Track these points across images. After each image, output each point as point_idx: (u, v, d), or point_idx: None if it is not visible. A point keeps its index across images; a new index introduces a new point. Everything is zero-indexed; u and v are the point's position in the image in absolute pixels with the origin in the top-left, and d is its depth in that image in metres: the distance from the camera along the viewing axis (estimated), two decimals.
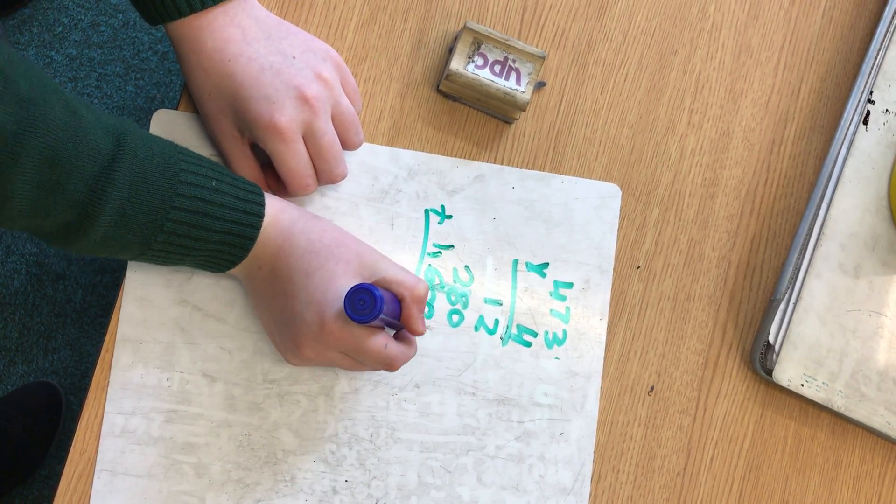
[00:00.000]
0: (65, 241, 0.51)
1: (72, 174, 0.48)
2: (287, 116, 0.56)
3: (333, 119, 0.60)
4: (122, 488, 0.59)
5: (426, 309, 0.63)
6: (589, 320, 0.66)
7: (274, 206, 0.56)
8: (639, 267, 0.68)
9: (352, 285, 0.54)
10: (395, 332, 0.60)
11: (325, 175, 0.60)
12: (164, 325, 0.60)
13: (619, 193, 0.68)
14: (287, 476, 0.60)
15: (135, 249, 0.53)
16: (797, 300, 0.67)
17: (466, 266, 0.65)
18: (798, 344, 0.67)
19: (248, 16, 0.58)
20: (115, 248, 0.52)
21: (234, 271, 0.58)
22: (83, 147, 0.48)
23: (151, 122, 0.62)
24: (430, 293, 0.63)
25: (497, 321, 0.65)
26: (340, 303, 0.54)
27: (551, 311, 0.66)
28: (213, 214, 0.53)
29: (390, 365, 0.57)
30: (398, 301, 0.57)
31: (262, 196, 0.56)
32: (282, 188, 0.61)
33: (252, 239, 0.55)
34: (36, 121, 0.46)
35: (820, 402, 0.67)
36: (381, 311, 0.51)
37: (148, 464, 0.59)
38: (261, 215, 0.55)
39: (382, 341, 0.56)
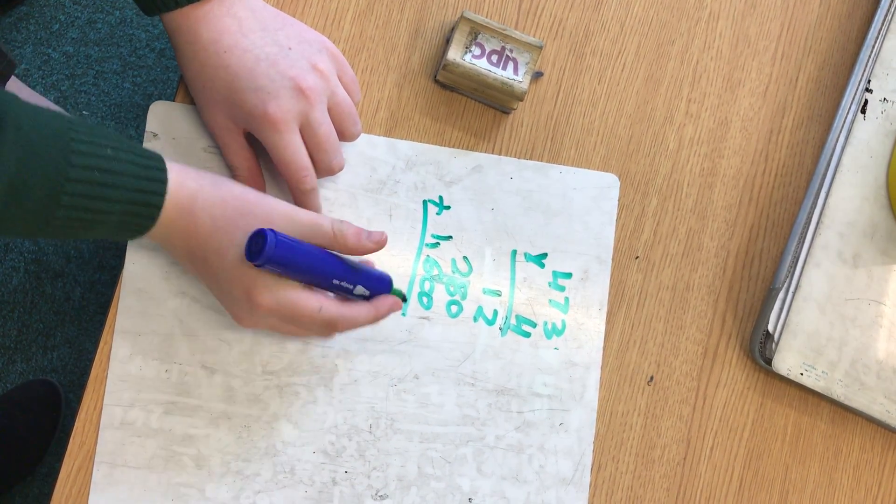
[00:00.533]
0: None
1: None
2: (282, 107, 0.56)
3: (330, 110, 0.59)
4: (122, 480, 0.58)
5: (364, 232, 0.59)
6: (588, 310, 0.66)
7: (173, 176, 0.53)
8: (637, 257, 0.68)
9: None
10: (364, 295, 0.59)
11: (323, 166, 0.60)
12: (162, 316, 0.60)
13: (618, 183, 0.68)
14: (287, 467, 0.60)
15: (33, 225, 0.50)
16: (796, 289, 0.67)
17: (465, 257, 0.65)
18: (797, 333, 0.67)
19: (244, 6, 0.58)
20: (10, 226, 0.49)
21: (153, 238, 0.55)
22: None
23: (148, 113, 0.62)
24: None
25: (496, 312, 0.65)
26: (261, 274, 0.53)
27: (550, 301, 0.66)
28: (112, 184, 0.50)
29: (332, 326, 0.56)
30: (332, 254, 0.56)
31: (163, 161, 0.53)
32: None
33: (157, 206, 0.52)
34: None
35: (819, 391, 0.67)
36: (274, 246, 0.50)
37: (147, 455, 0.59)
38: (163, 181, 0.52)
39: (315, 304, 0.55)
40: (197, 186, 0.54)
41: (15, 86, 0.94)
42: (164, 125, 0.62)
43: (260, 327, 0.57)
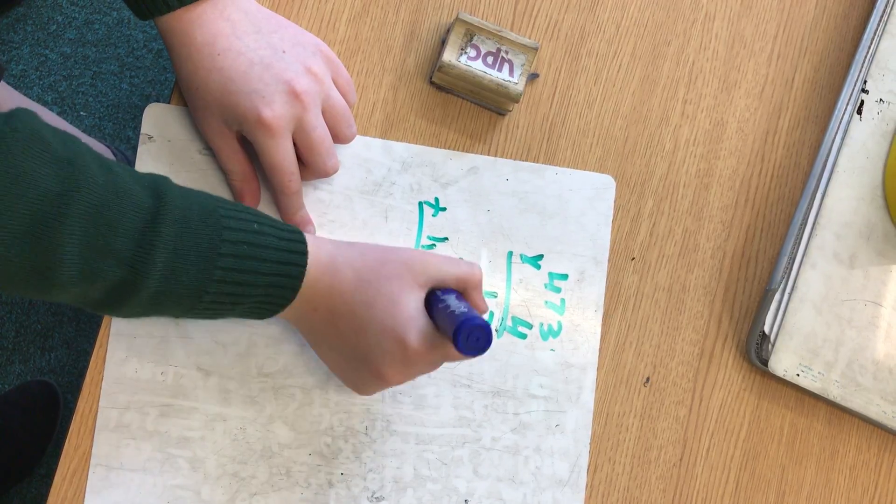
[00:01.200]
0: (114, 304, 0.49)
1: (118, 231, 0.47)
2: (276, 111, 0.56)
3: (324, 113, 0.59)
4: (117, 483, 0.58)
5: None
6: (584, 312, 0.66)
7: (310, 243, 0.55)
8: (633, 258, 0.68)
9: (415, 301, 0.54)
10: None
11: (317, 169, 0.60)
12: (157, 319, 0.60)
13: (614, 184, 0.68)
14: (283, 469, 0.60)
15: (185, 304, 0.51)
16: (792, 290, 0.67)
17: (461, 258, 0.65)
18: (794, 334, 0.67)
19: (237, 9, 0.58)
20: (165, 305, 0.51)
21: (285, 315, 0.56)
22: (125, 203, 0.47)
23: (143, 116, 0.62)
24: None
25: (492, 313, 0.65)
26: (413, 323, 0.53)
27: (546, 302, 0.66)
28: (260, 257, 0.52)
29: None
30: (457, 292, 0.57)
31: (302, 234, 0.55)
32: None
33: (299, 278, 0.53)
34: (78, 180, 0.45)
35: (816, 392, 0.67)
36: (491, 339, 0.50)
37: (143, 458, 0.59)
38: (304, 252, 0.54)
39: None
40: (335, 247, 0.56)
41: (4, 91, 0.94)
42: (160, 128, 0.62)
43: (400, 381, 0.56)
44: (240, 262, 0.51)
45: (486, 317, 0.64)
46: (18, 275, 0.45)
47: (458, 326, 0.50)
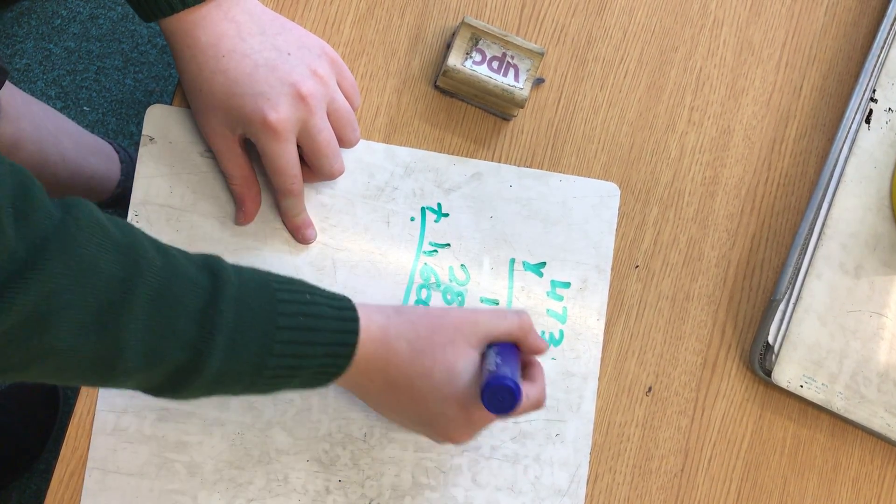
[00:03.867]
0: (177, 386, 0.49)
1: (179, 313, 0.46)
2: (281, 114, 0.56)
3: (329, 116, 0.59)
4: (114, 487, 0.58)
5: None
6: (586, 321, 0.66)
7: (361, 315, 0.54)
8: (637, 266, 0.67)
9: (471, 365, 0.54)
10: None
11: (323, 172, 0.60)
12: None
13: (618, 192, 0.67)
14: (280, 475, 0.60)
15: (246, 380, 0.50)
16: (797, 300, 0.67)
17: (463, 265, 0.64)
18: (798, 344, 0.66)
19: (242, 10, 0.57)
20: (226, 383, 0.50)
21: (343, 383, 0.56)
22: (185, 284, 0.47)
23: (145, 117, 0.62)
24: (525, 316, 0.61)
25: None
26: (473, 388, 0.54)
27: (548, 311, 0.65)
28: (315, 327, 0.51)
29: (539, 405, 0.57)
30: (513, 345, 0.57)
31: (351, 301, 0.54)
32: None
33: (353, 345, 0.53)
34: (139, 265, 0.45)
35: (819, 403, 0.66)
36: (520, 398, 0.51)
37: (140, 462, 0.59)
38: (356, 320, 0.53)
39: (523, 394, 0.55)
40: (384, 317, 0.55)
41: (9, 92, 0.93)
42: (161, 129, 0.62)
43: (473, 438, 0.57)
44: (297, 335, 0.51)
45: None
46: (83, 364, 0.45)
47: (484, 386, 0.51)
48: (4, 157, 0.43)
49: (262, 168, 0.60)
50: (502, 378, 0.50)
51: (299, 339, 0.51)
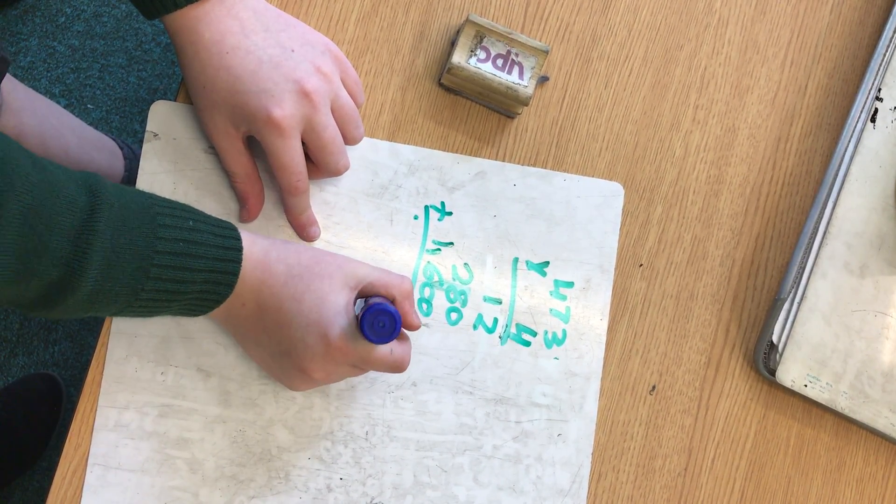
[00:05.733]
0: (49, 304, 0.48)
1: (53, 230, 0.45)
2: (286, 111, 0.56)
3: (333, 113, 0.59)
4: (115, 483, 0.58)
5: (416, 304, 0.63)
6: (589, 320, 0.65)
7: (245, 239, 0.55)
8: (641, 265, 0.67)
9: (343, 299, 0.54)
10: None
11: (329, 168, 0.60)
12: (159, 318, 0.60)
13: (622, 192, 0.67)
14: (281, 473, 0.60)
15: (121, 302, 0.50)
16: (802, 300, 0.66)
17: (466, 264, 0.64)
18: (802, 344, 0.66)
19: (245, 7, 0.57)
20: (101, 303, 0.50)
21: (215, 313, 0.56)
22: (60, 202, 0.46)
23: (149, 113, 0.62)
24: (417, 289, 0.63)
25: (496, 320, 0.64)
26: (338, 319, 0.54)
27: (551, 310, 0.65)
28: (196, 254, 0.52)
29: (399, 367, 0.57)
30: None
31: (237, 230, 0.55)
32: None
33: (235, 274, 0.54)
34: (12, 179, 0.44)
35: (823, 402, 0.66)
36: (399, 327, 0.51)
37: (141, 458, 0.58)
38: (239, 249, 0.54)
39: (387, 347, 0.55)
40: (269, 242, 0.56)
41: (12, 86, 0.93)
42: (165, 125, 0.61)
43: (323, 379, 0.56)
44: (176, 260, 0.51)
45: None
46: None
47: (364, 312, 0.51)
48: None
49: (265, 165, 0.60)
50: (383, 304, 0.51)
51: (178, 264, 0.51)
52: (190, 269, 0.52)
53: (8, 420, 1.31)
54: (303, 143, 0.58)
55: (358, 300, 0.57)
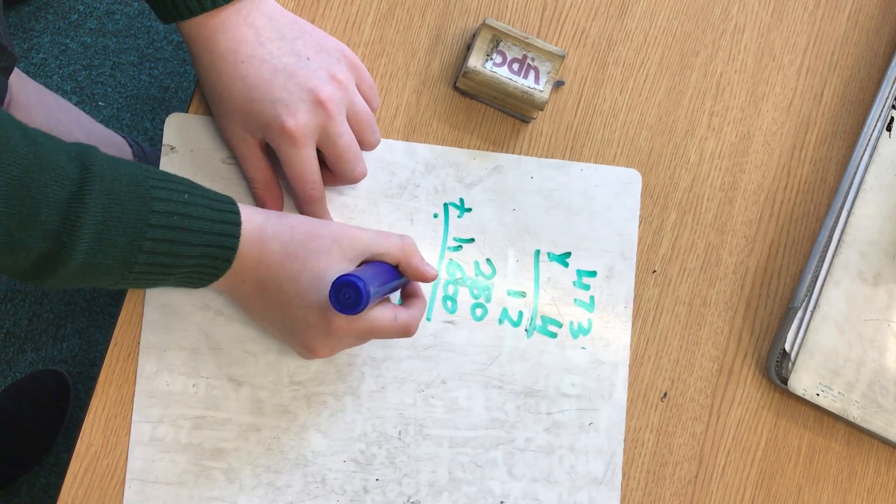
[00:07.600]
0: (41, 274, 0.48)
1: (42, 203, 0.45)
2: (300, 120, 0.56)
3: (349, 119, 0.59)
4: (154, 497, 0.58)
5: (425, 264, 0.60)
6: (613, 308, 0.65)
7: (243, 214, 0.55)
8: (654, 271, 0.67)
9: (340, 272, 0.54)
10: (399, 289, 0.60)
11: (346, 176, 0.60)
12: (187, 331, 0.60)
13: (640, 178, 0.67)
14: (318, 477, 0.60)
15: (115, 275, 0.50)
16: (815, 308, 0.66)
17: (488, 259, 0.64)
18: (815, 353, 0.66)
19: (261, 14, 0.57)
20: (94, 275, 0.50)
21: (217, 286, 0.56)
22: (49, 174, 0.46)
23: (165, 126, 0.62)
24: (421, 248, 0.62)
25: (521, 313, 0.64)
26: None
27: (575, 300, 0.65)
28: (191, 228, 0.51)
29: (407, 332, 0.57)
30: (392, 266, 0.57)
31: (236, 204, 0.54)
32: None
33: (233, 249, 0.53)
34: None
35: (835, 412, 0.66)
36: (367, 297, 0.50)
37: (178, 471, 0.59)
38: (237, 223, 0.53)
39: (391, 314, 0.55)
40: (264, 218, 0.55)
41: (21, 82, 0.93)
42: (182, 137, 0.62)
43: (329, 355, 0.57)
44: (170, 234, 0.50)
45: (430, 284, 0.63)
46: None
47: (332, 285, 0.50)
48: None
49: (283, 172, 0.60)
50: (348, 275, 0.50)
51: (172, 238, 0.51)
52: (185, 244, 0.51)
53: (15, 416, 1.31)
54: (319, 152, 0.58)
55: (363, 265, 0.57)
